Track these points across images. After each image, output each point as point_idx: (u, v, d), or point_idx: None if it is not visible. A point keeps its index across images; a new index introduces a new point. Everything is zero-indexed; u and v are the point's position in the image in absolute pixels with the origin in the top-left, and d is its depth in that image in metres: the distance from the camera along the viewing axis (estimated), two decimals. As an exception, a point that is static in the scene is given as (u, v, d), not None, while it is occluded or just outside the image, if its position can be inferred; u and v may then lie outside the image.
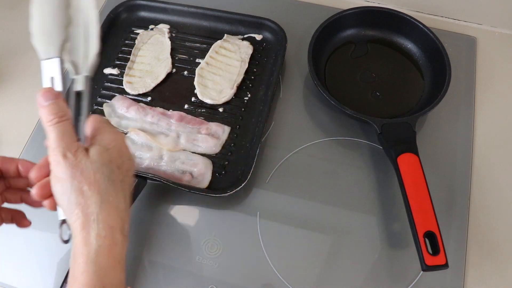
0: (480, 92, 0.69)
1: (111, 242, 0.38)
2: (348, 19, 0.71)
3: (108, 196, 0.39)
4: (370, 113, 0.61)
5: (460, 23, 0.77)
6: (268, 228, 0.58)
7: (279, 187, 0.61)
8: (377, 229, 0.58)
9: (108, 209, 0.39)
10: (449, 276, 0.54)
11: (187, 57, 0.72)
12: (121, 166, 0.41)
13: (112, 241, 0.38)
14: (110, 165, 0.40)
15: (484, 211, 0.59)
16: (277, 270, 0.56)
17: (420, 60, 0.70)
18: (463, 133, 0.65)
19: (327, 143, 0.65)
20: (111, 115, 0.66)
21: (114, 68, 0.71)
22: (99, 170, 0.39)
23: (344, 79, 0.69)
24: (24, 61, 0.75)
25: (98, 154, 0.40)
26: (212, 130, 0.64)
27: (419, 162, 0.56)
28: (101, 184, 0.39)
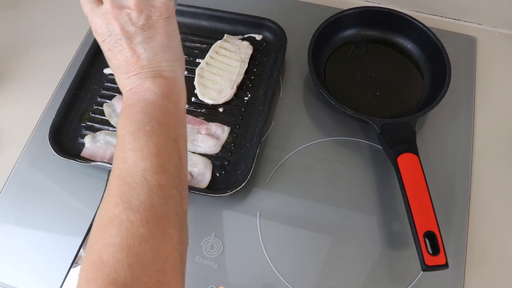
0: (480, 92, 0.69)
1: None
2: (348, 19, 0.71)
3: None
4: (370, 113, 0.61)
5: (460, 23, 0.77)
6: (268, 228, 0.58)
7: (279, 187, 0.61)
8: (377, 229, 0.58)
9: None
10: (449, 276, 0.54)
11: (187, 57, 0.72)
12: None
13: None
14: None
15: (484, 211, 0.59)
16: (277, 270, 0.56)
17: (420, 60, 0.70)
18: (463, 133, 0.65)
19: (327, 143, 0.65)
20: (111, 115, 0.66)
21: (114, 68, 0.70)
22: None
23: (344, 79, 0.69)
24: (24, 61, 0.75)
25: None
26: (212, 130, 0.64)
27: (419, 162, 0.56)
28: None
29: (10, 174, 0.64)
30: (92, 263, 0.34)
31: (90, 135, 0.64)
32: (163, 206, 0.36)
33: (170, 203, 0.37)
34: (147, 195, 0.36)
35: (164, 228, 0.36)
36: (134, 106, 0.41)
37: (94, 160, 0.61)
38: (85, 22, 0.78)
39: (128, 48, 0.42)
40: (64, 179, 0.63)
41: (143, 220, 0.35)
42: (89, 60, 0.70)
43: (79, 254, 0.52)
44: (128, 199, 0.35)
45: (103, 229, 0.35)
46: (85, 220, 0.54)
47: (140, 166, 0.37)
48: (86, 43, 0.74)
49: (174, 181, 0.39)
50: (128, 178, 0.37)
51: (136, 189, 0.36)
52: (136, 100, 0.41)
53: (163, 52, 0.43)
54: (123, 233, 0.34)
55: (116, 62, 0.43)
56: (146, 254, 0.34)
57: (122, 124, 0.40)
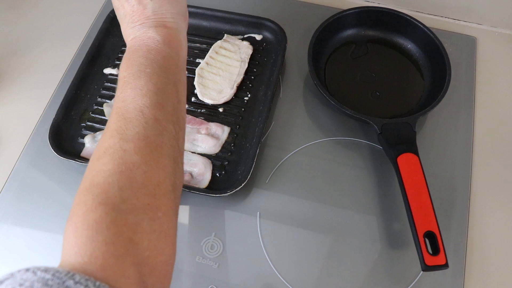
0: (480, 92, 0.69)
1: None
2: (348, 19, 0.71)
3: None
4: (370, 113, 0.61)
5: (460, 23, 0.77)
6: (268, 228, 0.58)
7: (279, 187, 0.61)
8: (377, 229, 0.58)
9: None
10: (449, 276, 0.54)
11: (187, 57, 0.71)
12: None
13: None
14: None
15: (484, 211, 0.59)
16: (277, 270, 0.56)
17: (420, 60, 0.70)
18: (463, 133, 0.65)
19: (327, 143, 0.65)
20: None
21: (114, 68, 0.71)
22: None
23: (344, 79, 0.69)
24: (24, 61, 0.75)
25: None
26: (212, 130, 0.64)
27: (419, 162, 0.56)
28: None
29: (10, 174, 0.64)
30: (84, 188, 0.34)
31: (90, 135, 0.64)
32: (158, 137, 0.37)
33: (165, 135, 0.38)
34: (142, 127, 0.37)
35: (158, 157, 0.36)
36: (136, 52, 0.42)
37: (94, 160, 0.61)
38: (85, 22, 0.79)
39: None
40: (64, 179, 0.63)
41: (136, 149, 0.35)
42: (89, 60, 0.70)
43: (79, 254, 0.52)
44: (124, 131, 0.36)
45: (97, 159, 0.36)
46: (85, 220, 0.54)
47: (138, 102, 0.38)
48: (86, 43, 0.74)
49: (171, 118, 0.39)
50: (125, 114, 0.37)
51: (132, 122, 0.37)
52: (139, 46, 0.42)
53: (169, 4, 0.45)
54: (115, 161, 0.35)
55: (123, 11, 0.45)
56: (137, 178, 0.34)
57: (124, 67, 0.41)
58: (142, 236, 0.33)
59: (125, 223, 0.32)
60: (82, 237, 0.32)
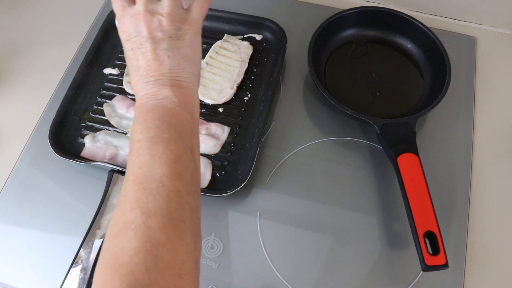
0: (480, 92, 0.69)
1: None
2: (348, 19, 0.71)
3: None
4: (370, 113, 0.61)
5: (460, 23, 0.77)
6: (268, 228, 0.58)
7: (279, 187, 0.61)
8: (377, 229, 0.58)
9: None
10: (449, 276, 0.54)
11: (187, 57, 0.72)
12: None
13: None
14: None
15: (484, 211, 0.59)
16: (277, 270, 0.56)
17: (420, 60, 0.70)
18: (463, 133, 0.65)
19: (327, 143, 0.65)
20: (111, 115, 0.66)
21: (114, 68, 0.71)
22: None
23: (344, 79, 0.69)
24: (24, 61, 0.75)
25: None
26: (212, 130, 0.64)
27: (419, 162, 0.56)
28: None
29: (10, 174, 0.64)
30: (108, 266, 0.33)
31: (90, 135, 0.64)
32: (180, 211, 0.36)
33: (187, 209, 0.37)
34: (164, 201, 0.36)
35: (181, 234, 0.36)
36: (151, 112, 0.40)
37: (94, 160, 0.61)
38: (85, 22, 0.79)
39: (152, 52, 0.42)
40: (64, 179, 0.63)
41: (160, 225, 0.34)
42: (89, 60, 0.70)
43: (79, 254, 0.52)
44: (145, 204, 0.35)
45: (118, 234, 0.35)
46: (85, 220, 0.54)
47: (157, 171, 0.37)
48: (86, 43, 0.74)
49: (190, 188, 0.38)
50: (144, 183, 0.36)
51: (153, 194, 0.36)
52: (154, 106, 0.41)
53: (186, 63, 0.43)
54: (140, 238, 0.34)
55: (136, 63, 0.43)
56: (164, 258, 0.34)
57: (139, 129, 0.40)
58: None
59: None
60: None
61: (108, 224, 0.53)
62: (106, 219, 0.54)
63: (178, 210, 0.36)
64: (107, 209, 0.55)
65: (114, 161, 0.62)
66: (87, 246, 0.52)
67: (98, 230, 0.53)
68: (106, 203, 0.55)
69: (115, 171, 0.58)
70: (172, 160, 0.38)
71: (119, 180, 0.57)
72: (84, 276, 0.50)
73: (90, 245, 0.52)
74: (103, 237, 0.52)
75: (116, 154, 0.62)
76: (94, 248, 0.52)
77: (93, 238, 0.53)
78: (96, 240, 0.52)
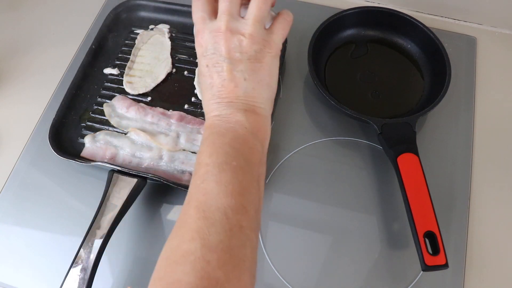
0: (480, 92, 0.69)
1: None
2: (348, 19, 0.71)
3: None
4: (370, 113, 0.61)
5: (460, 23, 0.77)
6: (268, 228, 0.58)
7: (279, 187, 0.61)
8: (377, 229, 0.58)
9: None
10: (449, 276, 0.54)
11: (187, 57, 0.72)
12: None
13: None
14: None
15: (484, 211, 0.59)
16: (277, 270, 0.56)
17: (420, 60, 0.70)
18: (463, 133, 0.65)
19: (327, 143, 0.65)
20: (111, 115, 0.66)
21: (114, 68, 0.71)
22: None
23: (344, 79, 0.69)
24: (24, 61, 0.75)
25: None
26: (212, 130, 0.64)
27: (419, 162, 0.56)
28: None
29: (10, 174, 0.64)
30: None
31: (90, 135, 0.64)
32: (241, 249, 0.34)
33: (248, 247, 0.35)
34: (227, 235, 0.34)
35: (240, 274, 0.34)
36: (222, 136, 0.39)
37: (94, 160, 0.61)
38: (85, 22, 0.79)
39: (228, 72, 0.40)
40: (64, 179, 0.63)
41: (220, 262, 0.33)
42: (89, 60, 0.70)
43: (79, 254, 0.52)
44: (206, 236, 0.33)
45: (175, 264, 0.33)
46: (85, 220, 0.54)
47: (223, 202, 0.35)
48: (86, 43, 0.74)
49: (254, 224, 0.37)
50: (207, 212, 0.35)
51: (215, 226, 0.34)
52: (225, 130, 0.39)
53: (261, 88, 0.41)
54: (198, 272, 0.32)
55: (210, 81, 0.41)
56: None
57: (207, 152, 0.38)
58: None
59: None
60: None
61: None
62: (106, 219, 0.54)
63: (240, 248, 0.34)
64: (107, 209, 0.55)
65: (114, 161, 0.62)
66: (87, 246, 0.52)
67: (98, 230, 0.53)
68: (106, 203, 0.55)
69: (115, 171, 0.58)
70: (239, 191, 0.36)
71: (119, 180, 0.57)
72: (84, 276, 0.50)
73: (90, 245, 0.52)
74: (103, 237, 0.52)
75: (116, 154, 0.62)
76: (94, 248, 0.52)
77: (93, 238, 0.53)
78: (96, 240, 0.52)
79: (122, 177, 0.57)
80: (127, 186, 0.57)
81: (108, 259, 0.56)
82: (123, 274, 0.56)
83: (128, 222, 0.58)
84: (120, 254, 0.57)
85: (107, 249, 0.53)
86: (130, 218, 0.58)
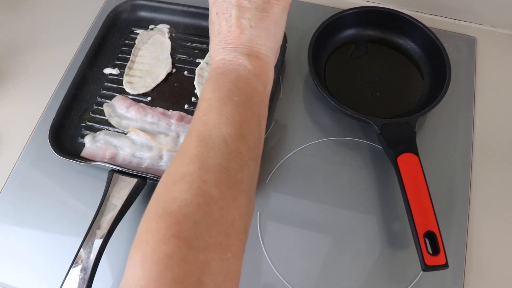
0: (480, 92, 0.69)
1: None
2: (348, 19, 0.71)
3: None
4: (370, 113, 0.61)
5: (460, 23, 0.77)
6: (268, 228, 0.58)
7: (279, 187, 0.61)
8: (377, 229, 0.58)
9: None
10: (449, 276, 0.54)
11: (187, 57, 0.72)
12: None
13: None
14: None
15: (484, 211, 0.59)
16: (277, 270, 0.56)
17: (420, 60, 0.70)
18: (463, 133, 0.65)
19: (327, 143, 0.65)
20: (111, 115, 0.66)
21: (114, 68, 0.71)
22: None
23: (344, 79, 0.69)
24: (24, 61, 0.75)
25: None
26: (212, 130, 0.64)
27: (419, 162, 0.56)
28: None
29: (10, 174, 0.64)
30: (155, 214, 0.33)
31: (90, 135, 0.64)
32: (239, 172, 0.36)
33: (245, 172, 0.36)
34: (225, 159, 0.35)
35: (236, 194, 0.35)
36: (225, 75, 0.40)
37: (94, 160, 0.61)
38: (85, 22, 0.79)
39: (235, 18, 0.42)
40: (64, 179, 0.63)
41: (217, 181, 0.34)
42: (89, 60, 0.70)
43: (79, 254, 0.52)
44: (205, 159, 0.35)
45: (172, 184, 0.34)
46: (85, 220, 0.54)
47: (222, 130, 0.37)
48: (86, 43, 0.74)
49: (252, 153, 0.38)
50: (208, 139, 0.36)
51: (214, 151, 0.35)
52: (228, 71, 0.41)
53: (266, 37, 0.43)
54: (193, 190, 0.33)
55: (218, 28, 0.43)
56: (214, 214, 0.33)
57: (210, 88, 0.40)
58: (210, 277, 0.32)
59: (196, 261, 0.31)
60: (151, 271, 0.31)
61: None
62: (106, 219, 0.54)
63: (237, 171, 0.36)
64: (107, 209, 0.55)
65: (114, 161, 0.62)
66: (87, 246, 0.52)
67: (98, 230, 0.53)
68: (106, 203, 0.55)
69: (115, 171, 0.58)
70: (239, 121, 0.38)
71: (119, 180, 0.57)
72: (84, 276, 0.50)
73: (90, 245, 0.52)
74: (103, 237, 0.52)
75: (116, 154, 0.62)
76: (94, 248, 0.52)
77: (93, 238, 0.53)
78: (96, 240, 0.52)
79: (122, 177, 0.57)
80: (127, 186, 0.57)
81: (108, 259, 0.56)
82: (123, 274, 0.56)
83: (128, 222, 0.58)
84: (120, 254, 0.57)
85: (107, 249, 0.53)
86: (130, 218, 0.58)
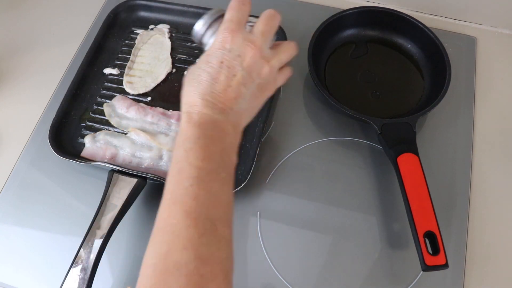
0: (480, 92, 0.69)
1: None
2: (348, 19, 0.71)
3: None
4: (370, 113, 0.61)
5: (460, 23, 0.77)
6: (268, 228, 0.58)
7: (279, 187, 0.61)
8: (377, 229, 0.58)
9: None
10: (449, 276, 0.54)
11: (187, 57, 0.72)
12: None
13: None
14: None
15: (484, 211, 0.59)
16: (277, 270, 0.56)
17: (420, 60, 0.70)
18: (463, 133, 0.65)
19: (327, 143, 0.65)
20: (111, 115, 0.66)
21: (114, 68, 0.71)
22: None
23: (344, 79, 0.69)
24: (24, 61, 0.75)
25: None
26: (212, 130, 0.64)
27: (419, 162, 0.56)
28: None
29: (10, 174, 0.64)
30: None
31: (90, 135, 0.64)
32: (228, 261, 0.36)
33: (232, 258, 0.37)
34: (217, 248, 0.35)
35: (227, 285, 0.35)
36: (214, 143, 0.40)
37: (94, 160, 0.61)
38: (85, 22, 0.79)
39: (238, 83, 0.42)
40: (64, 179, 0.63)
41: (213, 276, 0.34)
42: (89, 60, 0.70)
43: (79, 254, 0.52)
44: (198, 246, 0.34)
45: (167, 274, 0.34)
46: (85, 220, 0.54)
47: (212, 212, 0.36)
48: (86, 43, 0.74)
49: (231, 230, 0.38)
50: (198, 221, 0.35)
51: (206, 236, 0.35)
52: (217, 138, 0.40)
53: (248, 112, 0.45)
54: (192, 286, 0.33)
55: (216, 77, 0.41)
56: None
57: (200, 155, 0.39)
58: None
59: None
60: None
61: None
62: (106, 219, 0.54)
63: (227, 260, 0.36)
64: (107, 209, 0.55)
65: (114, 161, 0.62)
66: (87, 246, 0.52)
67: (98, 230, 0.53)
68: (106, 203, 0.55)
69: (115, 171, 0.58)
70: (226, 203, 0.38)
71: (119, 180, 0.57)
72: (84, 276, 0.50)
73: (90, 245, 0.52)
74: (103, 237, 0.52)
75: (116, 154, 0.62)
76: (94, 248, 0.52)
77: (93, 238, 0.53)
78: (96, 240, 0.52)
79: (122, 177, 0.57)
80: (127, 186, 0.57)
81: (108, 259, 0.56)
82: (123, 274, 0.56)
83: (128, 222, 0.58)
84: (120, 254, 0.57)
85: (107, 249, 0.53)
86: (130, 218, 0.58)
